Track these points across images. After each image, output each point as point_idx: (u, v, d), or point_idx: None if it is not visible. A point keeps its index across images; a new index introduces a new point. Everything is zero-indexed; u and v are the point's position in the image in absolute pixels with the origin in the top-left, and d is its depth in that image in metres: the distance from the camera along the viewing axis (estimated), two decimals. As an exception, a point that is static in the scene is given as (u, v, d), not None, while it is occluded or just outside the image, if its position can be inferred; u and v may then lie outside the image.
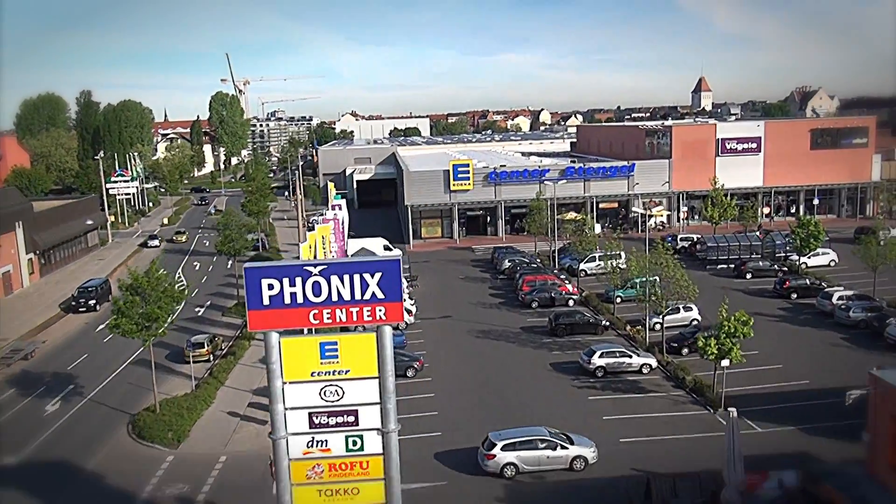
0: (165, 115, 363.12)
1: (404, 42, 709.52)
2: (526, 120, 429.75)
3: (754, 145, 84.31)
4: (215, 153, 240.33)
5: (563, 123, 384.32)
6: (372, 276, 19.40)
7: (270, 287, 19.22)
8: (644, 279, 45.90)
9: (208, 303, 59.95)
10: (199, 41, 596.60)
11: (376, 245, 73.33)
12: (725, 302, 35.22)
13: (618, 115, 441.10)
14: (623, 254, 63.97)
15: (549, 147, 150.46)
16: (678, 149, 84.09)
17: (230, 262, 66.60)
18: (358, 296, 19.44)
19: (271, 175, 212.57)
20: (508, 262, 65.74)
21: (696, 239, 71.67)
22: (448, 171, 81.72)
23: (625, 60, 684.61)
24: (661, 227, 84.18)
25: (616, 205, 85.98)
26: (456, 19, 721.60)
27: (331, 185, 72.14)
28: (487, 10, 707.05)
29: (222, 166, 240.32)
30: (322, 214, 53.20)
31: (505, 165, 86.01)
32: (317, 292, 19.31)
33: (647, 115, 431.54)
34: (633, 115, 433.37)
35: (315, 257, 42.12)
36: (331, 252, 45.29)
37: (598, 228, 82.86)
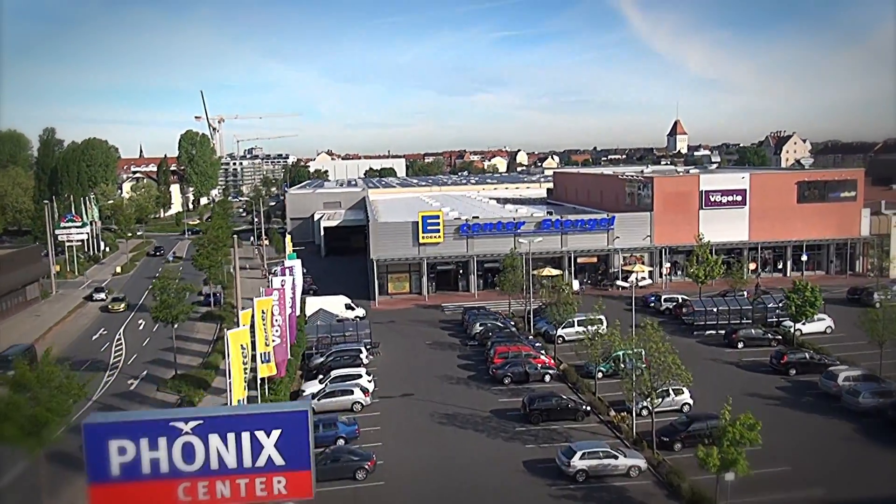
0: (141, 152, 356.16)
1: (383, 81, 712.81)
2: (503, 160, 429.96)
3: (739, 198, 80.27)
4: (184, 193, 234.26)
5: (539, 164, 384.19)
6: (268, 433, 13.93)
7: (122, 451, 13.65)
8: (627, 353, 41.23)
9: (144, 373, 53.68)
10: (179, 77, 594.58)
11: (337, 304, 67.77)
12: (728, 403, 30.05)
13: (594, 157, 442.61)
14: (604, 318, 59.09)
15: (526, 192, 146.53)
16: (660, 201, 79.81)
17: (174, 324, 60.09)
18: (248, 462, 13.96)
19: (242, 214, 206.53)
20: (480, 325, 60.32)
21: (680, 300, 66.92)
22: (417, 222, 76.62)
23: (599, 102, 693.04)
24: (642, 284, 79.36)
25: (595, 259, 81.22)
26: (434, 60, 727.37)
27: (288, 240, 66.49)
28: (464, 51, 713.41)
29: (191, 206, 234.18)
30: (271, 283, 47.36)
31: (478, 217, 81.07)
32: (189, 458, 13.80)
33: (624, 156, 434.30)
34: (609, 156, 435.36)
35: (253, 342, 36.51)
36: (273, 328, 39.63)
37: (576, 285, 78.03)
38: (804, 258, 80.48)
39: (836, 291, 73.69)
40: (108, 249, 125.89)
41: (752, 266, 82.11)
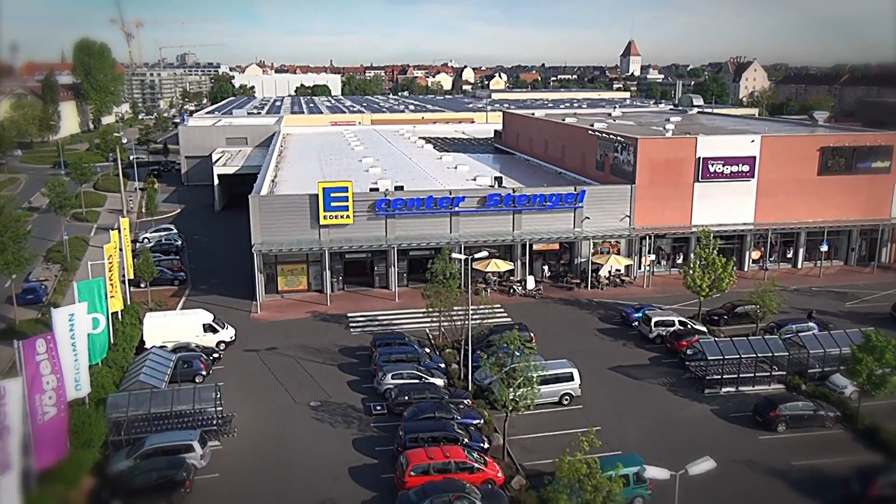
0: (63, 56, 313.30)
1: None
2: (448, 77, 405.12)
3: (746, 168, 61.03)
4: (82, 112, 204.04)
5: (486, 83, 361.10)
6: None
7: None
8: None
9: None
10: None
11: (192, 325, 46.90)
12: None
13: (543, 74, 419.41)
14: (575, 373, 40.46)
15: (470, 128, 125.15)
16: (645, 169, 60.05)
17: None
18: None
19: (161, 137, 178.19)
20: (392, 378, 40.53)
21: (678, 324, 48.08)
22: (317, 195, 55.42)
23: (550, 15, 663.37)
24: (617, 281, 60.41)
25: (557, 246, 61.68)
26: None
27: (114, 239, 44.37)
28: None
29: (90, 127, 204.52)
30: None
31: (402, 187, 60.22)
32: None
33: (575, 76, 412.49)
34: (559, 76, 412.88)
35: None
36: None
37: (531, 282, 58.89)
38: (824, 248, 62.37)
39: (870, 299, 56.29)
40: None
41: (756, 255, 63.92)
